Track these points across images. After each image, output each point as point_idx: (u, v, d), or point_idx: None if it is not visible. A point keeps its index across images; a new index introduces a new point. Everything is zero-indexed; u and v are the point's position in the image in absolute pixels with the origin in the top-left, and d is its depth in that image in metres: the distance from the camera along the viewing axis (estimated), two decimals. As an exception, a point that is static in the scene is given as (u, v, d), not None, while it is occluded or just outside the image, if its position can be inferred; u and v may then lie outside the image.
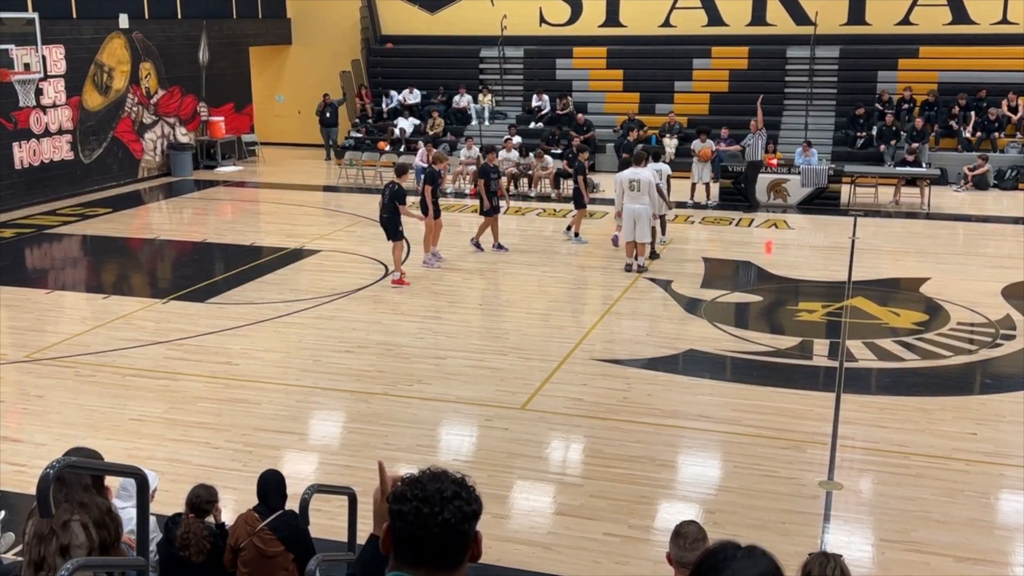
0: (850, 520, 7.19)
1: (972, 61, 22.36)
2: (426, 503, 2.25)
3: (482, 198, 15.05)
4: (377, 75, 26.17)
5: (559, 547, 6.78)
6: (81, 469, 4.00)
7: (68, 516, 3.73)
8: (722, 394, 9.57)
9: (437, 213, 14.33)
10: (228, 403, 9.32)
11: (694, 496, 7.60)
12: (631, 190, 13.78)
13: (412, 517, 2.25)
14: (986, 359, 10.64)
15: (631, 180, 13.82)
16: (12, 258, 15.36)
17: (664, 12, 24.39)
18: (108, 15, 20.81)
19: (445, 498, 2.25)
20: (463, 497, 2.28)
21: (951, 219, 17.85)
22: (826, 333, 11.41)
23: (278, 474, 5.70)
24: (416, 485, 2.29)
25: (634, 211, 13.75)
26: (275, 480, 5.62)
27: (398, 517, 2.27)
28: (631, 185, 13.79)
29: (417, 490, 2.27)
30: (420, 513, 2.24)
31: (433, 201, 14.17)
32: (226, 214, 19.28)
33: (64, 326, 11.83)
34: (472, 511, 2.28)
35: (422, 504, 2.25)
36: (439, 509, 2.24)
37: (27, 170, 19.00)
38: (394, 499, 2.30)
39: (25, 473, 7.65)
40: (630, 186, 13.79)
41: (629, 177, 13.88)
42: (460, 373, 10.09)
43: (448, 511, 2.24)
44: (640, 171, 13.93)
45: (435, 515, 2.24)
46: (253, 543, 5.40)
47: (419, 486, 2.28)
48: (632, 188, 13.77)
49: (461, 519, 2.26)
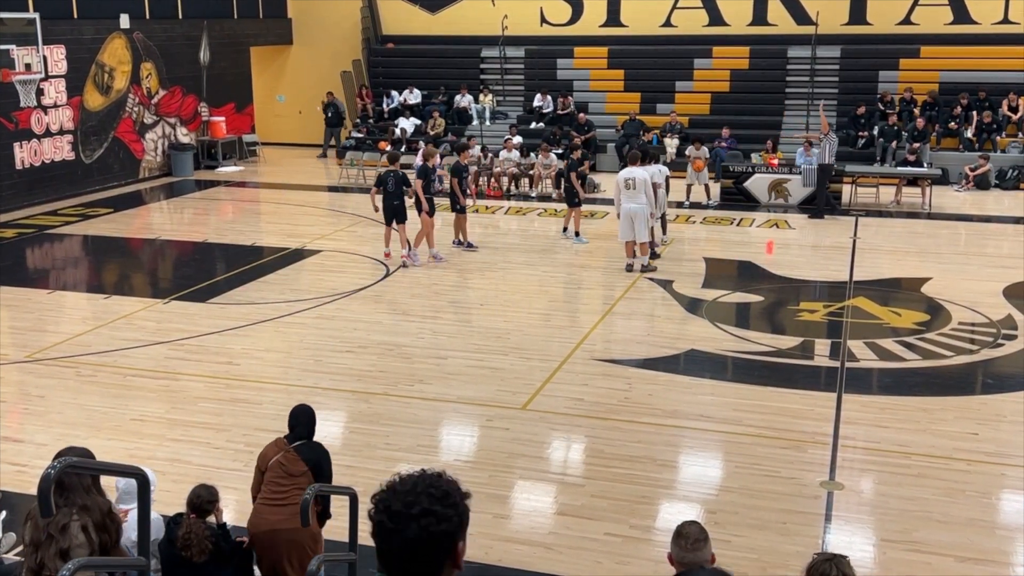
0: (851, 520, 7.19)
1: (973, 61, 22.36)
2: (392, 518, 2.14)
3: (456, 196, 15.08)
4: (378, 75, 26.17)
5: (560, 547, 6.78)
6: (82, 470, 4.00)
7: (67, 519, 3.73)
8: (723, 394, 9.57)
9: (432, 210, 14.37)
10: (229, 403, 9.33)
11: (695, 496, 7.60)
12: (627, 189, 13.79)
13: (378, 529, 2.16)
14: (987, 359, 10.63)
15: (627, 179, 13.84)
16: (13, 258, 15.36)
17: (665, 12, 24.39)
18: (109, 15, 20.81)
19: (412, 515, 2.13)
20: (436, 514, 2.14)
21: (952, 219, 17.84)
22: (827, 333, 11.40)
23: (309, 408, 6.01)
24: (391, 496, 2.17)
25: (631, 210, 13.75)
26: (305, 413, 5.95)
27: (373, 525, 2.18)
28: (627, 184, 13.79)
29: (389, 501, 2.16)
30: (383, 527, 2.15)
31: (427, 198, 14.22)
32: (227, 214, 19.28)
33: (65, 326, 11.84)
34: (442, 531, 2.14)
35: (387, 519, 2.15)
36: (403, 527, 2.13)
37: (28, 170, 19.01)
38: (372, 503, 2.21)
39: (26, 473, 7.65)
40: (626, 185, 13.80)
41: (625, 176, 13.90)
42: (461, 373, 10.09)
43: (412, 530, 2.12)
44: (635, 170, 13.94)
45: (398, 531, 2.13)
46: (279, 460, 5.74)
47: (392, 497, 2.16)
48: (628, 187, 13.78)
49: (426, 538, 2.13)
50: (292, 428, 5.91)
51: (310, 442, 5.88)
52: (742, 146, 21.44)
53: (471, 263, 14.64)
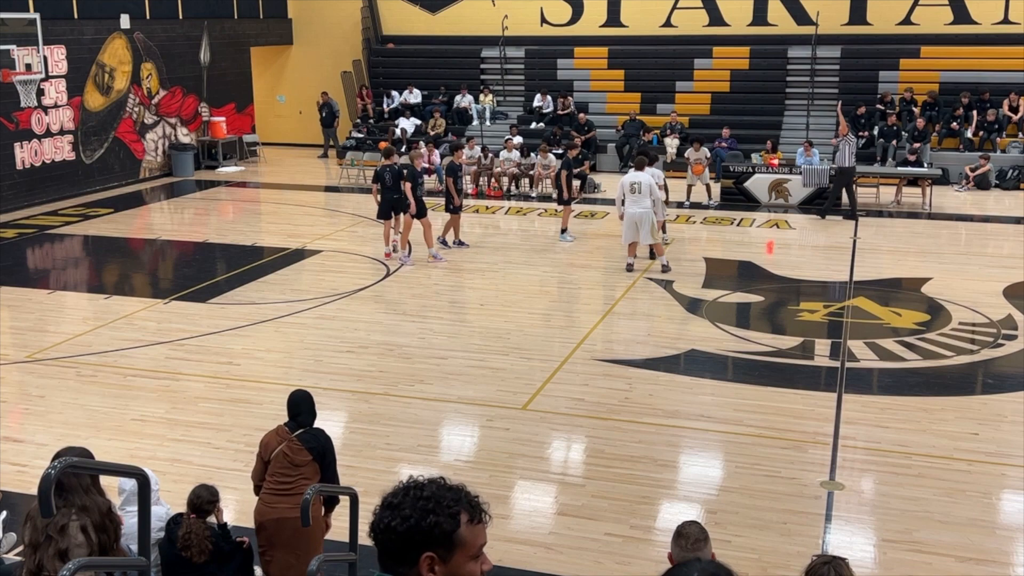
0: (851, 520, 7.19)
1: (973, 61, 22.36)
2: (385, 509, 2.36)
3: (451, 195, 15.10)
4: (378, 75, 26.17)
5: (560, 547, 6.78)
6: (82, 470, 3.99)
7: (66, 520, 3.73)
8: (723, 394, 9.57)
9: (423, 211, 14.39)
10: (229, 403, 9.33)
11: (696, 496, 7.60)
12: (632, 193, 13.81)
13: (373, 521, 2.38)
14: (988, 359, 10.63)
15: (632, 183, 13.87)
16: (14, 258, 15.37)
17: (665, 12, 24.39)
18: (109, 15, 20.82)
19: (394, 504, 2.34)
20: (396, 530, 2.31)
21: (952, 219, 17.84)
22: (827, 333, 11.40)
23: (308, 394, 6.04)
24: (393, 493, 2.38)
25: (635, 215, 13.77)
26: (306, 400, 5.97)
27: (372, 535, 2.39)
28: (632, 188, 13.82)
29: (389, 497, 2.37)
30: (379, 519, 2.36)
31: (417, 198, 14.29)
32: (227, 214, 19.28)
33: (66, 326, 11.84)
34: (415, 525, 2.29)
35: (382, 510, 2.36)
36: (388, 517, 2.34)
37: (29, 170, 19.02)
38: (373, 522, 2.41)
39: (26, 473, 7.66)
40: (631, 189, 13.83)
41: (630, 181, 13.94)
42: (461, 373, 10.09)
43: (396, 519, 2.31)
44: (640, 174, 13.98)
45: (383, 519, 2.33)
46: (283, 451, 5.76)
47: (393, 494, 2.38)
48: (633, 191, 13.81)
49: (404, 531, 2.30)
50: (294, 416, 5.92)
51: (312, 429, 5.91)
52: (742, 146, 21.44)
53: (472, 263, 14.64)
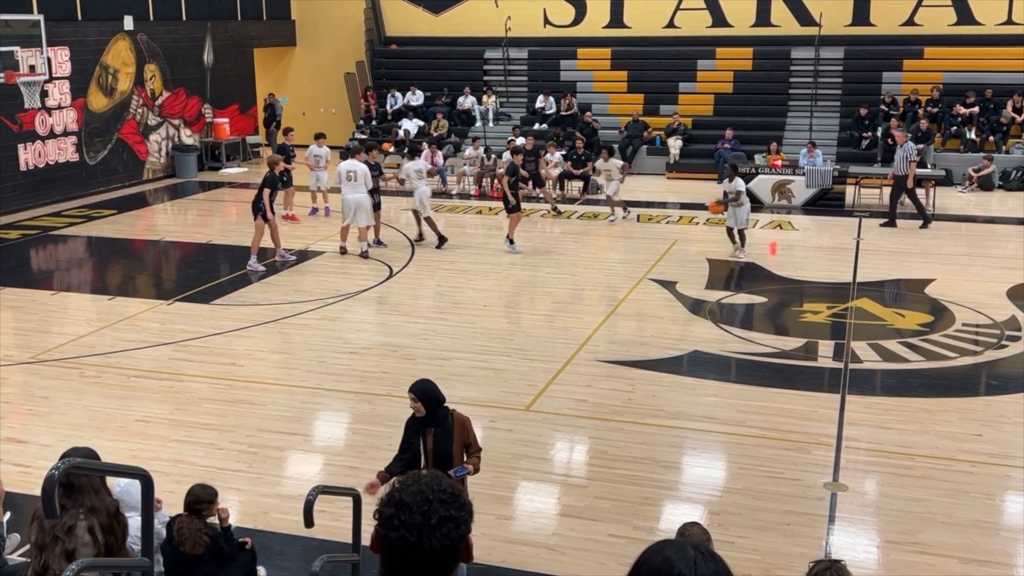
0: (855, 521, 7.18)
1: (977, 62, 22.34)
2: (412, 531, 2.07)
3: (506, 196, 15.24)
4: (381, 76, 26.19)
5: (563, 548, 6.78)
6: (87, 471, 4.00)
7: (74, 520, 3.73)
8: (726, 395, 9.57)
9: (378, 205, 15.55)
10: (233, 404, 9.33)
11: (698, 497, 7.60)
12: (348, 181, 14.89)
13: (399, 545, 2.08)
14: (991, 360, 10.62)
15: (349, 172, 14.98)
16: (17, 259, 15.39)
17: (668, 13, 24.40)
18: (113, 17, 20.85)
19: (432, 526, 2.06)
20: (453, 519, 2.09)
21: (956, 220, 17.82)
22: (831, 334, 11.39)
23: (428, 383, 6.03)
24: (403, 510, 2.08)
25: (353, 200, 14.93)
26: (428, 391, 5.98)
27: (384, 542, 2.10)
28: (348, 176, 14.94)
29: (404, 515, 2.07)
30: (407, 542, 2.07)
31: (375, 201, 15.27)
32: (231, 215, 19.28)
33: (69, 327, 11.85)
34: (460, 534, 2.10)
35: (408, 532, 2.07)
36: (426, 538, 2.06)
37: (32, 171, 19.04)
38: (380, 522, 2.12)
39: (30, 474, 7.66)
40: (347, 177, 14.93)
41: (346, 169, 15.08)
42: (464, 374, 10.09)
43: (436, 539, 2.06)
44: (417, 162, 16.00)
45: (421, 544, 2.06)
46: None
47: (405, 511, 2.08)
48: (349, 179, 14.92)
49: (449, 545, 2.08)
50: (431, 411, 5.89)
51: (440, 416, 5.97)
52: (745, 147, 21.44)
53: (473, 264, 14.64)
